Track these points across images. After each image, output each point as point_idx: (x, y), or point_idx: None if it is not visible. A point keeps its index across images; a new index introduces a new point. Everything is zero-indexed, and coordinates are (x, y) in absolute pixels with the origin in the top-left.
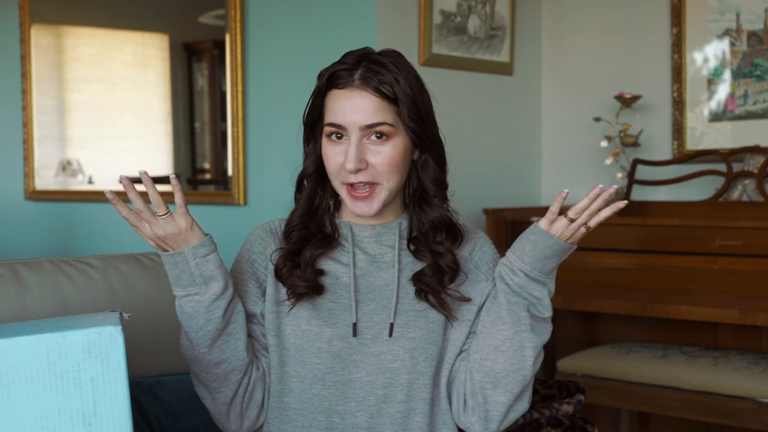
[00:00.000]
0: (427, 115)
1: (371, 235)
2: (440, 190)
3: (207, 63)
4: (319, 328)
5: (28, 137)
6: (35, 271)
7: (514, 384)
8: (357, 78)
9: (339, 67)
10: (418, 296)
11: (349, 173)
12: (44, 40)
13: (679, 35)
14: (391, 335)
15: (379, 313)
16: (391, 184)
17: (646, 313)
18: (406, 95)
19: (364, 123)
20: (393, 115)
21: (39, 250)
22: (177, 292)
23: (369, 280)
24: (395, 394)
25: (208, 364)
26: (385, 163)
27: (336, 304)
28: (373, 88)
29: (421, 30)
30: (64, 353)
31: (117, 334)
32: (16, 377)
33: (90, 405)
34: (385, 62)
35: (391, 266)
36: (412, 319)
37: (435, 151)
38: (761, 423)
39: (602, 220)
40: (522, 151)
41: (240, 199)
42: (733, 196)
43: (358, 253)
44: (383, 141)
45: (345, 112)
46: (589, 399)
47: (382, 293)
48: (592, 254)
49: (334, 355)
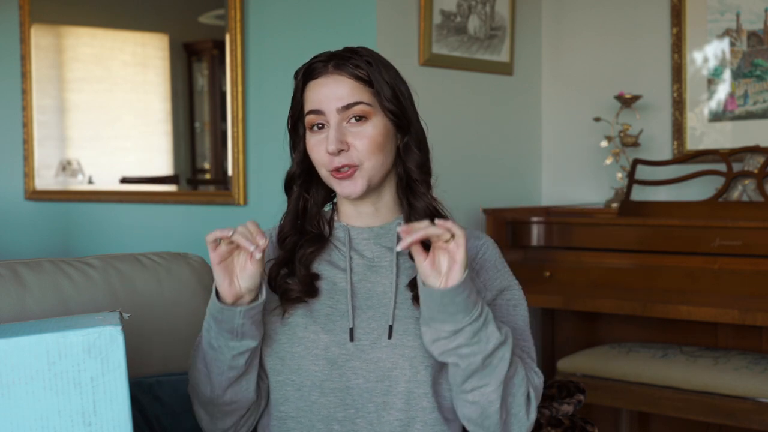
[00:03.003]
0: (404, 100)
1: (369, 237)
2: (424, 174)
3: (207, 63)
4: (316, 335)
5: (28, 137)
6: (35, 271)
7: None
8: (331, 66)
9: (313, 61)
10: (415, 303)
11: (332, 156)
12: (44, 40)
13: (679, 35)
14: (391, 337)
15: (377, 319)
16: (373, 164)
17: (646, 313)
18: (381, 77)
19: (340, 104)
20: (369, 96)
21: (39, 250)
22: (211, 325)
23: (367, 285)
24: (394, 402)
25: (220, 402)
26: (365, 142)
27: (333, 309)
28: (348, 72)
29: (421, 30)
30: (64, 353)
31: (117, 334)
32: (16, 377)
33: (90, 405)
34: (359, 50)
35: (389, 271)
36: (411, 326)
37: (416, 135)
38: (761, 423)
39: (429, 233)
40: (522, 151)
41: (240, 199)
42: (733, 196)
43: (355, 258)
44: (362, 122)
45: (321, 98)
46: (589, 399)
47: (380, 300)
48: (592, 254)
49: (332, 362)
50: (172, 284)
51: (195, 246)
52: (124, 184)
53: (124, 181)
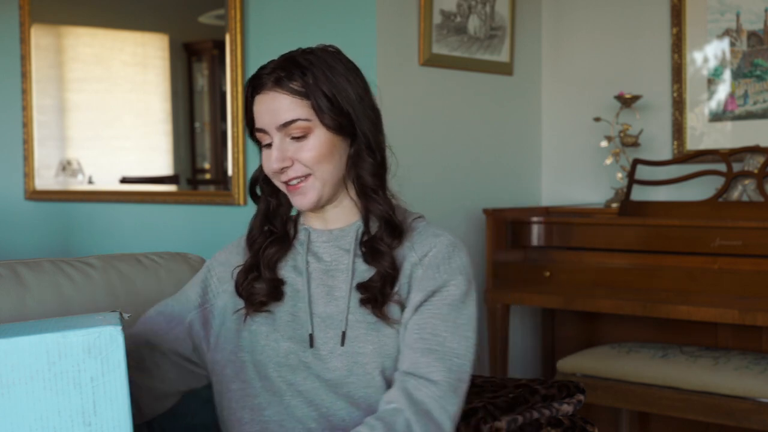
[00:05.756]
0: (350, 107)
1: (328, 239)
2: (377, 179)
3: (207, 63)
4: (277, 343)
5: (28, 137)
6: (35, 271)
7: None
8: (270, 81)
9: (257, 73)
10: (363, 305)
11: (278, 173)
12: (44, 40)
13: (679, 35)
14: (344, 344)
15: (334, 326)
16: (323, 174)
17: (646, 313)
18: (318, 89)
19: (279, 122)
20: (308, 110)
21: (39, 250)
22: None
23: (324, 290)
24: (358, 407)
25: None
26: (308, 157)
27: (294, 316)
28: (286, 88)
29: (421, 30)
30: (64, 353)
31: (117, 334)
32: (15, 377)
33: (90, 405)
34: (300, 60)
35: (346, 274)
36: (363, 331)
37: (366, 141)
38: (761, 423)
39: None
40: (522, 151)
41: (240, 199)
42: (733, 196)
43: (313, 262)
44: (303, 137)
45: (263, 116)
46: (589, 399)
47: (337, 304)
48: (592, 254)
49: (293, 369)
50: (172, 284)
51: (195, 246)
52: (124, 184)
53: (124, 181)
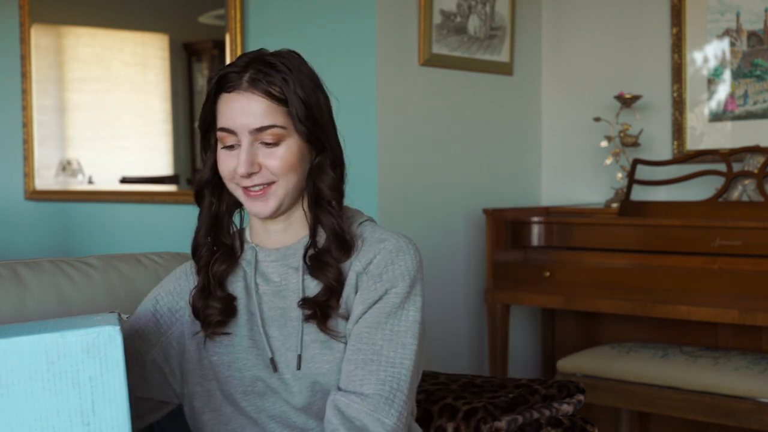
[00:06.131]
0: (321, 117)
1: (276, 258)
2: (335, 193)
3: (207, 63)
4: (241, 372)
5: (28, 137)
6: (35, 271)
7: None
8: (246, 80)
9: (228, 70)
10: (308, 321)
11: (243, 177)
12: (44, 40)
13: (679, 35)
14: (300, 368)
15: (291, 350)
16: (288, 183)
17: (646, 313)
18: (296, 96)
19: (253, 126)
20: (284, 117)
21: (39, 250)
22: None
23: (278, 312)
24: (326, 426)
25: None
26: (278, 164)
27: (252, 340)
28: (262, 90)
29: (421, 30)
30: (63, 353)
31: (116, 334)
32: (15, 377)
33: (89, 405)
34: (276, 63)
35: (296, 294)
36: (318, 352)
37: (331, 154)
38: (761, 423)
39: None
40: (522, 151)
41: None
42: (733, 196)
43: (262, 284)
44: (275, 144)
45: (235, 116)
46: (589, 399)
47: (293, 325)
48: (592, 254)
49: (261, 395)
50: None
51: None
52: (124, 184)
53: (124, 181)
